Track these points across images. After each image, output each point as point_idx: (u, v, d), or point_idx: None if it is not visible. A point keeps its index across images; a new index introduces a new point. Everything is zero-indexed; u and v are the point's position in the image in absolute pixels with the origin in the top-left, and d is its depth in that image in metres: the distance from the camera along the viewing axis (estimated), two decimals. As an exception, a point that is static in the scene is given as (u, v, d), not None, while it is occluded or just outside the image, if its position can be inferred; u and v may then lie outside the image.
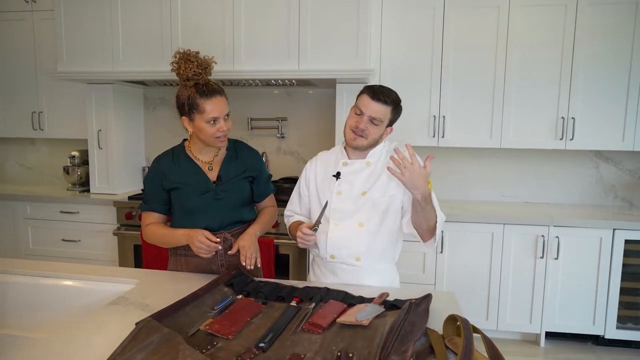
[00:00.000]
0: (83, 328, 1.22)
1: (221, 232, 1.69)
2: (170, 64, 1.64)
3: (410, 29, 3.00)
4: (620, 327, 2.79)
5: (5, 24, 3.47)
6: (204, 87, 1.58)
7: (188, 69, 1.58)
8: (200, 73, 1.60)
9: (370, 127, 1.57)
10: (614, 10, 2.81)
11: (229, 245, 1.70)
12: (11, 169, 4.01)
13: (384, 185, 1.62)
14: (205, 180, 1.68)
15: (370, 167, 1.66)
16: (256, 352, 1.07)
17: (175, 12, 2.94)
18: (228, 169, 1.71)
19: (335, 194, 1.65)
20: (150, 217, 1.71)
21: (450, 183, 3.39)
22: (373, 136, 1.60)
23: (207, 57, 1.66)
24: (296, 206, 1.82)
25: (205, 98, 1.57)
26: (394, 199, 1.62)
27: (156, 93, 3.61)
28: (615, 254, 2.73)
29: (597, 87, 2.88)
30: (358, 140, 1.60)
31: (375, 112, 1.56)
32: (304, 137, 3.44)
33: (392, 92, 1.61)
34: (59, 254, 3.25)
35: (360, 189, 1.63)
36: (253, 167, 1.76)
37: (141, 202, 1.74)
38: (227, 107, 1.63)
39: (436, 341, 1.08)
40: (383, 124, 1.60)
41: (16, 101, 3.55)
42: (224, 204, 1.68)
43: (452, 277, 2.90)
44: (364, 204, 1.62)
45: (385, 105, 1.57)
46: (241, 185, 1.73)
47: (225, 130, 1.62)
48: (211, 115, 1.58)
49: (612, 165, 3.21)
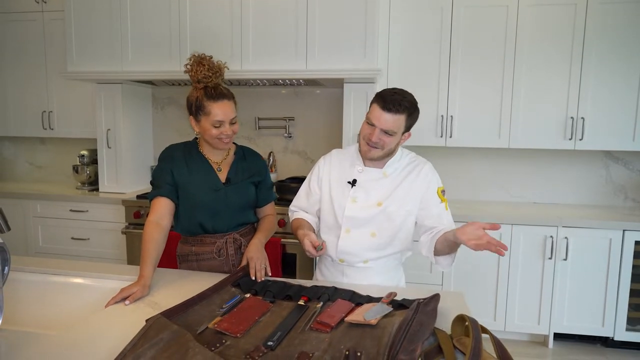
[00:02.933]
0: (92, 325, 1.23)
1: (230, 233, 1.71)
2: (184, 65, 1.67)
3: (418, 28, 2.99)
4: (630, 329, 2.76)
5: (16, 24, 3.51)
6: (212, 90, 1.62)
7: (199, 72, 1.61)
8: (209, 76, 1.62)
9: (384, 138, 1.52)
10: (624, 9, 2.78)
11: (239, 245, 1.72)
12: (21, 168, 4.05)
13: (401, 198, 1.60)
14: (216, 179, 1.70)
15: (388, 178, 1.63)
16: (265, 351, 1.07)
17: (183, 12, 2.96)
18: (237, 171, 1.74)
19: (350, 202, 1.62)
20: (158, 204, 1.63)
21: (458, 183, 3.37)
22: (389, 146, 1.54)
23: (220, 62, 1.68)
24: (302, 202, 1.78)
25: (212, 101, 1.60)
26: (410, 214, 1.61)
27: (165, 93, 3.63)
28: (625, 255, 2.70)
29: (607, 86, 2.85)
30: (372, 152, 1.55)
31: (388, 124, 1.48)
32: (311, 137, 3.44)
33: (406, 98, 1.51)
34: (68, 252, 3.28)
35: (376, 199, 1.61)
36: (259, 172, 1.79)
37: (150, 192, 1.69)
38: (233, 112, 1.64)
39: (444, 341, 1.08)
40: (398, 133, 1.53)
41: (26, 100, 3.59)
42: (232, 204, 1.70)
43: (459, 278, 2.88)
44: (378, 214, 1.60)
45: (397, 115, 1.48)
46: (248, 188, 1.75)
47: (229, 133, 1.64)
48: (216, 118, 1.60)
49: (622, 165, 3.18)
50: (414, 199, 1.59)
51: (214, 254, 1.70)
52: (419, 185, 1.60)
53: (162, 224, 1.61)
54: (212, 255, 1.70)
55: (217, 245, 1.70)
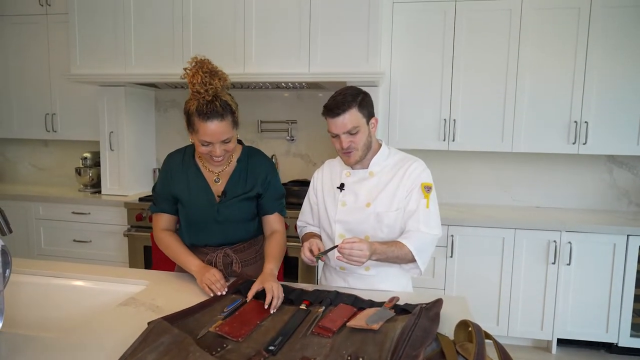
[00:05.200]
0: (94, 328, 1.22)
1: (222, 248, 1.67)
2: (184, 69, 1.50)
3: (421, 32, 2.99)
4: (634, 335, 2.74)
5: (20, 27, 3.52)
6: (204, 106, 1.44)
7: (195, 78, 1.44)
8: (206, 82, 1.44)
9: (352, 139, 1.52)
10: (628, 13, 2.77)
11: (229, 261, 1.67)
12: (24, 170, 4.06)
13: (389, 197, 1.58)
14: (209, 195, 1.62)
15: (374, 177, 1.62)
16: (266, 355, 1.07)
17: (187, 16, 2.97)
18: (236, 184, 1.63)
19: (340, 205, 1.62)
20: (160, 219, 1.68)
21: (461, 187, 3.36)
22: (362, 142, 1.54)
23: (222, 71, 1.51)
24: (308, 217, 1.78)
25: (201, 120, 1.45)
26: (400, 213, 1.58)
27: (167, 95, 3.63)
28: (629, 260, 2.68)
29: (611, 90, 2.84)
30: (352, 156, 1.56)
31: (346, 125, 1.49)
32: (314, 140, 3.44)
33: (347, 94, 1.51)
34: (70, 254, 3.28)
35: (364, 200, 1.60)
36: (263, 181, 1.65)
37: (151, 204, 1.73)
38: (224, 133, 1.47)
39: (447, 346, 1.07)
40: (362, 125, 1.52)
41: (30, 103, 3.60)
42: (224, 221, 1.63)
43: (462, 282, 2.87)
44: (368, 216, 1.58)
45: (347, 112, 1.49)
46: (245, 204, 1.64)
47: (217, 154, 1.50)
48: (203, 139, 1.48)
49: (626, 170, 3.17)
50: (402, 197, 1.57)
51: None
52: (406, 182, 1.58)
53: (170, 231, 1.69)
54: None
55: (208, 259, 1.66)
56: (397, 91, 3.06)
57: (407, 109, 3.07)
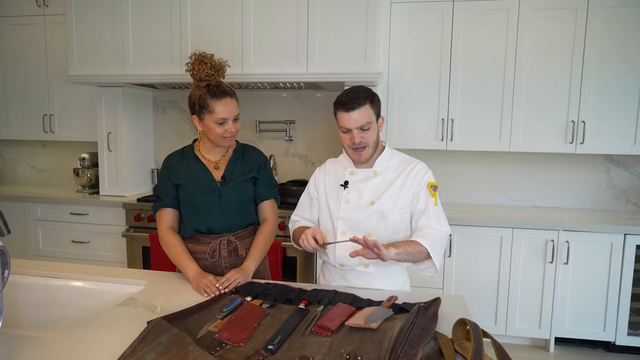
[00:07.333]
0: (93, 328, 1.23)
1: (225, 235, 1.70)
2: (186, 64, 1.66)
3: (419, 32, 3.00)
4: (631, 334, 2.75)
5: (18, 28, 3.52)
6: (215, 88, 1.62)
7: (201, 70, 1.61)
8: (212, 74, 1.63)
9: (364, 135, 1.55)
10: (625, 13, 2.78)
11: (233, 247, 1.71)
12: (22, 171, 4.06)
13: (394, 196, 1.60)
14: (211, 179, 1.70)
15: (379, 176, 1.64)
16: (265, 354, 1.07)
17: (185, 16, 2.97)
18: (233, 169, 1.73)
19: (344, 203, 1.63)
20: (165, 215, 1.72)
21: (459, 187, 3.37)
22: (372, 139, 1.58)
23: (222, 60, 1.68)
24: (305, 211, 1.79)
25: (215, 99, 1.60)
26: (405, 212, 1.60)
27: (165, 96, 3.63)
28: (626, 259, 2.69)
29: (608, 90, 2.85)
30: (362, 153, 1.59)
31: (360, 120, 1.53)
32: (312, 140, 3.44)
33: (360, 91, 1.56)
34: (68, 255, 3.28)
35: (368, 198, 1.61)
36: (258, 167, 1.76)
37: (153, 204, 1.75)
38: (236, 109, 1.65)
39: (445, 345, 1.07)
40: (373, 122, 1.57)
41: (28, 104, 3.60)
42: (228, 203, 1.69)
43: (460, 281, 2.88)
44: (372, 214, 1.60)
45: (362, 107, 1.53)
46: (244, 186, 1.73)
47: (232, 131, 1.65)
48: (220, 116, 1.61)
49: (623, 169, 3.18)
50: (407, 196, 1.59)
51: (207, 255, 1.68)
52: (411, 183, 1.61)
53: (174, 230, 1.72)
54: (205, 255, 1.69)
55: (212, 247, 1.69)
56: (395, 91, 3.06)
57: (405, 109, 3.07)
